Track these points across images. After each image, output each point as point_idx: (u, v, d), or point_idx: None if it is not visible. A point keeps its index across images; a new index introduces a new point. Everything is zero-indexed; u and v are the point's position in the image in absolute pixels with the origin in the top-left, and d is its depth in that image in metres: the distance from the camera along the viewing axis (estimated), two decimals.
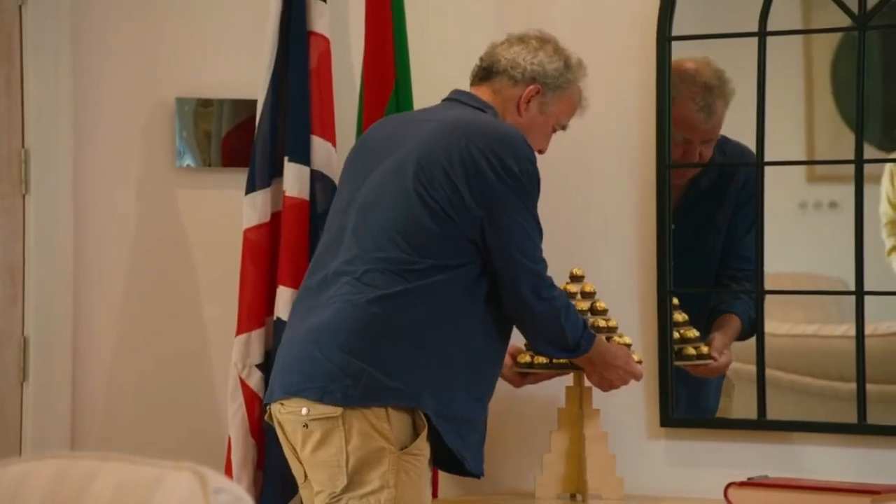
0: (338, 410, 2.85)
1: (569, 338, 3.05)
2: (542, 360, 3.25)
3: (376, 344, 2.88)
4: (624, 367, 3.18)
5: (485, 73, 3.10)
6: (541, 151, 3.11)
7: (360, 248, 2.94)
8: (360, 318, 2.89)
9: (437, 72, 3.56)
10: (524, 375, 3.28)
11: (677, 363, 3.39)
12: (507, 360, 3.24)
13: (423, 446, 2.89)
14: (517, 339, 3.17)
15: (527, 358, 3.27)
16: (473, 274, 2.94)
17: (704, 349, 3.38)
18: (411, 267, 2.90)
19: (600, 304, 3.32)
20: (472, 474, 3.01)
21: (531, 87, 3.06)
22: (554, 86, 3.08)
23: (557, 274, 3.41)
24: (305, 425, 2.88)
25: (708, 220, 3.49)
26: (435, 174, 2.91)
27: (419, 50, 3.56)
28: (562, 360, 3.22)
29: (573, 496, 3.30)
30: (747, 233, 3.40)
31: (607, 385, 3.19)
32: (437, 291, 2.91)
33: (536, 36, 3.13)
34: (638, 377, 3.22)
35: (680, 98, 3.40)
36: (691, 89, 3.42)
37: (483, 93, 3.09)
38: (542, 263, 3.01)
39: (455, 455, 2.94)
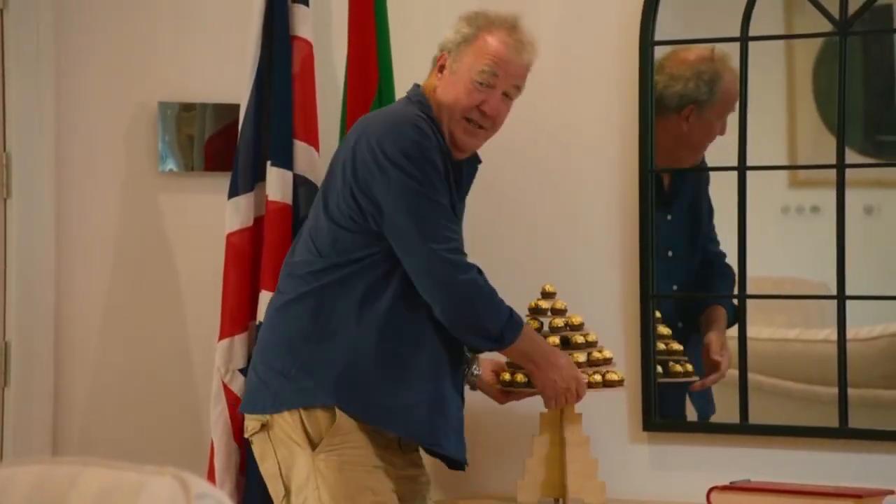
0: (262, 420, 2.95)
1: (488, 326, 2.96)
2: (521, 377, 3.22)
3: (281, 350, 2.95)
4: (568, 369, 3.09)
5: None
6: (482, 115, 2.99)
7: (290, 256, 3.05)
8: (271, 327, 3.01)
9: (420, 76, 3.55)
10: (507, 393, 3.26)
11: (663, 380, 3.39)
12: (491, 377, 3.23)
13: (337, 440, 2.89)
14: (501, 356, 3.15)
15: (507, 376, 3.23)
16: (381, 264, 2.93)
17: (689, 367, 3.38)
18: (313, 268, 2.96)
19: (576, 319, 3.27)
20: (456, 462, 3.01)
21: (438, 57, 3.05)
22: (455, 44, 3.02)
23: (541, 278, 3.41)
24: (251, 442, 3.01)
25: (695, 206, 3.48)
26: (336, 172, 2.98)
27: (402, 54, 3.55)
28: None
29: (556, 501, 3.29)
30: (711, 217, 3.41)
31: (550, 388, 3.08)
32: (339, 288, 2.93)
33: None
34: (582, 383, 3.11)
35: (725, 80, 3.37)
36: (726, 69, 3.39)
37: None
38: (446, 244, 2.91)
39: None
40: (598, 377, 3.23)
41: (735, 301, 3.36)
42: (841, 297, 3.26)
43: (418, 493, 3.06)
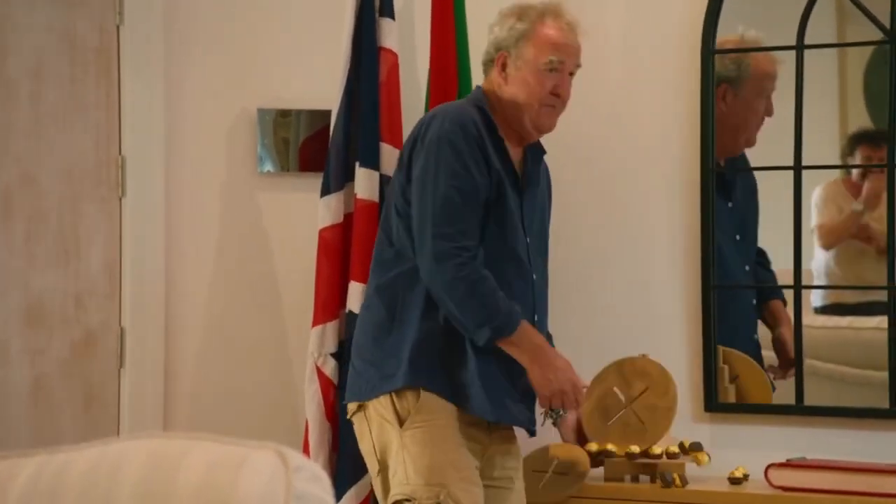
0: (358, 402, 2.97)
1: (461, 319, 2.84)
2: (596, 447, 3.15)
3: (368, 342, 2.97)
4: (564, 371, 2.90)
5: (483, 69, 3.10)
6: (555, 97, 2.96)
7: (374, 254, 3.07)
8: (360, 322, 3.04)
9: None
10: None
11: None
12: (571, 425, 3.19)
13: (421, 418, 2.88)
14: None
15: (594, 447, 3.18)
16: None
17: None
18: (385, 257, 2.97)
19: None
20: (521, 424, 2.99)
21: (497, 57, 3.01)
22: (513, 42, 2.99)
23: (607, 273, 3.41)
24: (352, 423, 3.01)
25: (751, 193, 3.44)
26: (397, 168, 3.01)
27: (480, 62, 3.56)
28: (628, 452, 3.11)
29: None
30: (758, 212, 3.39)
31: (545, 387, 2.90)
32: (407, 279, 2.92)
33: (497, 18, 3.07)
34: (579, 388, 2.92)
35: (749, 56, 3.37)
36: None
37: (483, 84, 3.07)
38: (446, 229, 2.83)
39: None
40: (675, 448, 3.21)
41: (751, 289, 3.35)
42: (891, 288, 3.23)
43: (509, 467, 3.03)
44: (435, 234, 2.85)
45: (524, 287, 2.98)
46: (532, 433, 3.06)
